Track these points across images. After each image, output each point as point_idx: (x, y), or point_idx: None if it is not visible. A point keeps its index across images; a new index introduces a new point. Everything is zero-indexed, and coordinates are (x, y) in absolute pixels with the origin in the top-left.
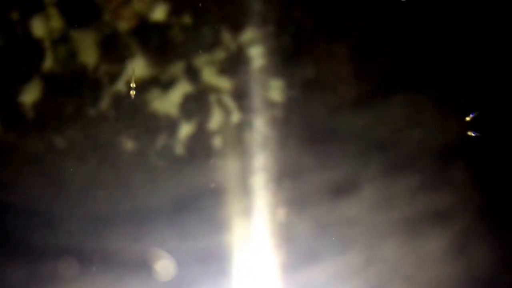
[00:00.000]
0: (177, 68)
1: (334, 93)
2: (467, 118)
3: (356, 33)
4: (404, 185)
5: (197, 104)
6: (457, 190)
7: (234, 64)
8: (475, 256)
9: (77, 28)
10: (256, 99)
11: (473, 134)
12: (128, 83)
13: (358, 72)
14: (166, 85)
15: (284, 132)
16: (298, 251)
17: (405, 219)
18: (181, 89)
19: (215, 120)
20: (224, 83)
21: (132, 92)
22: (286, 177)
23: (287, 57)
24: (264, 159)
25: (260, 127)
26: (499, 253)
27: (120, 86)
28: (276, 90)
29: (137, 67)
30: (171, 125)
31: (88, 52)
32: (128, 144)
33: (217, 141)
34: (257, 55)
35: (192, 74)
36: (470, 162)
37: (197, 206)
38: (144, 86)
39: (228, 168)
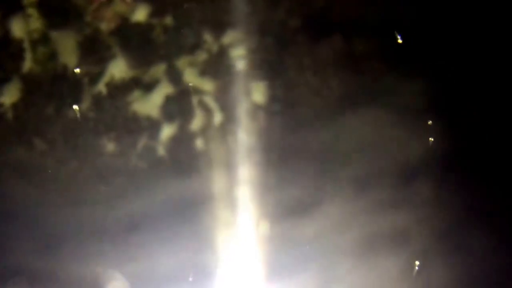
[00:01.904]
0: (159, 69)
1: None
2: (430, 122)
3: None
4: (364, 203)
5: (179, 105)
6: (417, 209)
7: (216, 66)
8: (433, 276)
9: (58, 29)
10: (238, 101)
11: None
12: (108, 84)
13: (319, 87)
14: (148, 87)
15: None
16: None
17: (364, 238)
18: (162, 91)
19: (197, 121)
20: (206, 84)
21: None
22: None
23: (270, 59)
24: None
25: (242, 130)
26: (456, 274)
27: (100, 87)
28: (258, 92)
29: (118, 69)
30: (153, 127)
31: (68, 53)
32: (109, 146)
33: (199, 142)
34: (239, 57)
35: (174, 75)
36: (432, 181)
37: (178, 209)
38: (125, 87)
39: (208, 171)
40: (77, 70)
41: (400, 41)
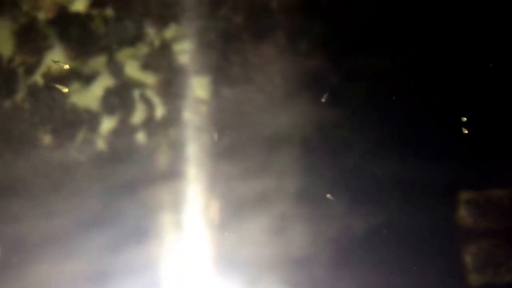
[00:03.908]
0: (99, 61)
1: None
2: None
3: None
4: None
5: (119, 98)
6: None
7: (158, 59)
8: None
9: None
10: (181, 95)
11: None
12: (46, 75)
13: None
14: (87, 79)
15: None
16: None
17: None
18: (102, 83)
19: (139, 115)
20: (148, 78)
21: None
22: None
23: (213, 54)
24: None
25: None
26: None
27: (36, 77)
28: (201, 87)
29: (56, 59)
30: (92, 120)
31: (3, 42)
32: (46, 138)
33: (140, 136)
34: (182, 51)
35: (115, 67)
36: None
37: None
38: (63, 79)
39: (149, 165)
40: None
41: (323, 101)
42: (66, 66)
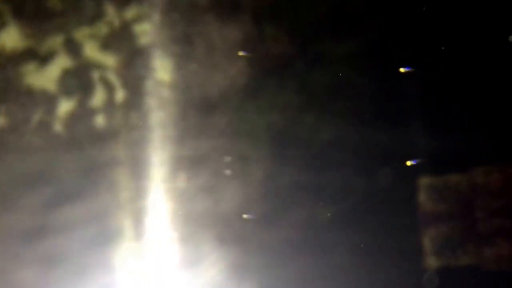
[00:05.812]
0: (56, 40)
1: None
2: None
3: None
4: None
5: (78, 80)
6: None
7: (119, 40)
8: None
9: None
10: (143, 77)
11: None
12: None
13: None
14: (43, 59)
15: None
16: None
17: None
18: (59, 64)
19: (98, 97)
20: (108, 59)
21: None
22: None
23: (176, 35)
24: None
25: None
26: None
27: None
28: (163, 69)
29: (10, 38)
30: (49, 101)
31: None
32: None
33: (99, 120)
34: (143, 32)
35: (72, 47)
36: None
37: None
38: (18, 58)
39: (110, 148)
40: None
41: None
42: None
